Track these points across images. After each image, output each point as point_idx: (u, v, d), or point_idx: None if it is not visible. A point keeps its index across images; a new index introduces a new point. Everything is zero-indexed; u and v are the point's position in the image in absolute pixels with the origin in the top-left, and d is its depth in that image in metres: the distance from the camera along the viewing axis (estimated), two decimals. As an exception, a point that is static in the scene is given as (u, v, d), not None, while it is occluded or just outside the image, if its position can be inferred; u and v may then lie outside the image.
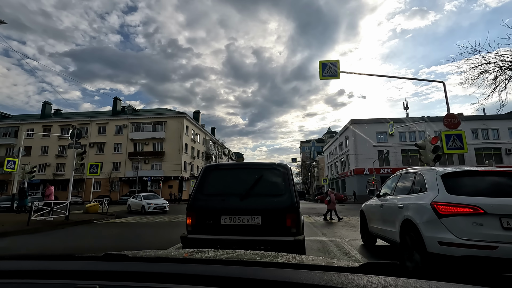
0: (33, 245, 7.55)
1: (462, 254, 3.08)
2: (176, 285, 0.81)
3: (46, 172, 42.95)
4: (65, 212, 12.46)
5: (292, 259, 1.27)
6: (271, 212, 3.77)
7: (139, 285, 0.82)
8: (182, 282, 0.83)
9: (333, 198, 12.97)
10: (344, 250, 5.99)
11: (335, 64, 9.97)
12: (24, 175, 16.59)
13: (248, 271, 0.92)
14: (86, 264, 1.02)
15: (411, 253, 3.80)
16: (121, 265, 0.99)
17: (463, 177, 3.71)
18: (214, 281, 0.83)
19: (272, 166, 4.31)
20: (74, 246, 7.40)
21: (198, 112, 54.82)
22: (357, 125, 38.84)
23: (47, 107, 49.09)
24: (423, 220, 3.58)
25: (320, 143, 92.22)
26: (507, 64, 8.33)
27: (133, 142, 43.51)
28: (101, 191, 40.16)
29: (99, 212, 17.23)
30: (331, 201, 12.86)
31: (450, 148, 8.89)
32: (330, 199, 12.90)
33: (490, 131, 37.38)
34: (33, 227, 9.87)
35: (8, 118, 49.78)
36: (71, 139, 14.79)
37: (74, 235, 9.37)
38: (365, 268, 0.90)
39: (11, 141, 45.04)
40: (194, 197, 4.03)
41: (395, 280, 0.79)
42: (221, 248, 3.47)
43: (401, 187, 4.95)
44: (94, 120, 45.25)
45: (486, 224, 3.11)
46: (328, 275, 0.85)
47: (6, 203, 20.90)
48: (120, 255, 1.07)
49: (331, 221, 12.33)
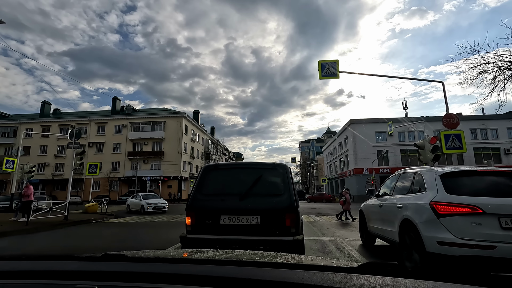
0: (32, 245, 7.53)
1: (461, 253, 3.09)
2: (175, 285, 0.81)
3: (45, 172, 42.87)
4: (64, 212, 12.45)
5: (291, 259, 1.28)
6: (270, 212, 3.77)
7: (138, 286, 0.82)
8: (181, 282, 0.83)
9: (348, 198, 12.91)
10: (343, 250, 6.00)
11: (334, 64, 9.98)
12: (23, 175, 16.55)
13: (247, 271, 0.92)
14: (85, 265, 1.02)
15: (410, 253, 3.81)
16: (120, 266, 0.99)
17: (462, 177, 3.72)
18: (213, 282, 0.83)
19: (271, 166, 4.31)
20: (73, 246, 7.39)
21: (198, 112, 54.79)
22: (357, 125, 38.87)
23: (46, 106, 48.99)
24: (422, 220, 3.59)
25: (319, 143, 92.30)
26: (506, 64, 8.35)
27: (132, 142, 43.46)
28: (100, 191, 40.07)
29: (98, 212, 17.22)
30: (346, 202, 12.80)
31: (449, 148, 8.90)
32: (345, 200, 12.83)
33: (489, 131, 37.45)
34: (32, 227, 9.85)
35: (7, 118, 49.66)
36: (70, 139, 14.76)
37: (73, 235, 9.36)
38: (364, 269, 0.90)
39: (10, 141, 44.91)
40: (194, 197, 4.03)
41: (394, 281, 0.80)
42: (221, 248, 3.47)
43: (400, 187, 4.96)
44: (93, 119, 45.17)
45: (485, 224, 3.12)
46: (326, 275, 0.85)
47: (5, 203, 20.87)
48: (119, 255, 1.07)
49: (346, 221, 12.25)
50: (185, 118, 44.44)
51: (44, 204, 15.99)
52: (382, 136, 38.06)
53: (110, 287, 0.80)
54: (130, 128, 43.83)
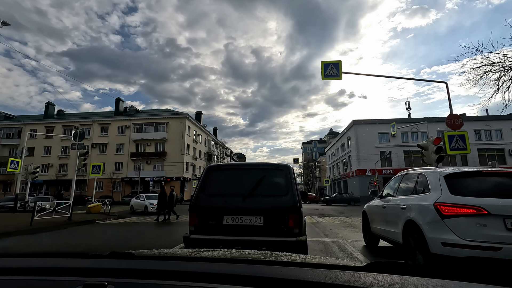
0: (37, 245, 7.59)
1: (465, 255, 3.07)
2: (182, 282, 0.82)
3: (48, 173, 43.15)
4: (68, 213, 12.53)
5: (297, 258, 1.28)
6: (273, 212, 3.77)
7: (146, 282, 0.83)
8: (188, 279, 0.84)
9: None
10: (347, 251, 5.98)
11: (337, 64, 9.98)
12: (27, 176, 16.71)
13: (253, 269, 0.92)
14: (93, 262, 1.03)
15: (414, 254, 3.79)
16: (128, 263, 1.00)
17: (466, 177, 3.69)
18: (219, 279, 0.83)
19: (274, 167, 4.32)
20: (79, 245, 7.43)
21: (200, 112, 54.92)
22: (359, 126, 38.76)
23: (50, 107, 49.34)
24: (426, 221, 3.57)
25: (322, 143, 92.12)
26: (511, 65, 8.30)
27: (135, 143, 43.64)
28: (103, 191, 40.26)
29: (101, 212, 17.30)
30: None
31: (453, 149, 8.85)
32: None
33: (493, 132, 37.15)
34: (36, 227, 9.93)
35: (12, 119, 50.13)
36: (74, 140, 14.88)
37: (77, 235, 9.41)
38: (371, 267, 0.90)
39: (14, 142, 45.31)
40: (197, 197, 4.04)
41: (402, 279, 0.79)
42: (224, 248, 3.48)
43: (403, 188, 4.93)
44: (97, 120, 45.45)
45: (489, 225, 3.10)
46: (334, 273, 0.85)
47: (10, 203, 21.05)
48: (126, 253, 1.08)
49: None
50: (188, 119, 44.56)
51: (48, 205, 16.09)
52: (385, 137, 37.90)
53: (118, 283, 0.81)
54: (133, 129, 44.03)
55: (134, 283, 0.83)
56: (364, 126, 38.45)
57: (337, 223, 11.77)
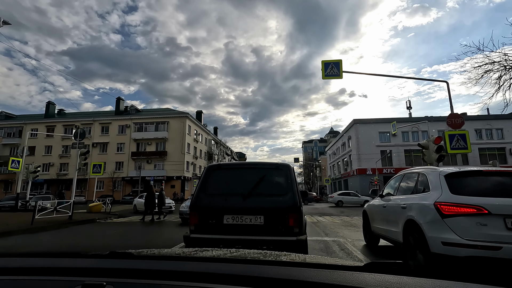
0: (38, 244, 7.61)
1: (465, 254, 3.07)
2: (181, 282, 0.82)
3: (49, 172, 43.27)
4: (69, 212, 12.56)
5: (296, 258, 1.28)
6: (273, 211, 3.77)
7: (145, 282, 0.83)
8: (188, 279, 0.84)
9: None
10: (347, 250, 5.98)
11: (337, 64, 9.97)
12: (28, 175, 16.74)
13: (253, 269, 0.92)
14: (92, 262, 1.04)
15: (414, 254, 3.79)
16: (127, 263, 1.00)
17: (466, 177, 3.69)
18: (218, 279, 0.83)
19: (274, 166, 4.32)
20: (79, 245, 7.45)
21: (201, 112, 54.95)
22: (360, 125, 38.75)
23: (50, 107, 49.44)
24: (427, 220, 3.57)
25: (322, 143, 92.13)
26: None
27: (136, 142, 43.71)
28: (104, 190, 40.33)
29: (102, 211, 17.34)
30: None
31: (453, 148, 8.84)
32: None
33: (494, 131, 37.09)
34: (37, 226, 9.95)
35: (13, 118, 50.22)
36: (74, 139, 14.91)
37: (78, 234, 9.44)
38: (370, 267, 0.90)
39: (15, 141, 45.43)
40: (197, 196, 4.05)
41: (400, 279, 0.80)
42: (224, 247, 3.48)
43: (404, 187, 4.93)
44: (97, 120, 45.52)
45: (490, 225, 3.10)
46: (332, 273, 0.85)
47: (11, 202, 21.10)
48: (125, 253, 1.08)
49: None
50: (188, 118, 44.60)
51: (49, 204, 16.13)
52: (386, 136, 37.88)
53: (117, 283, 0.81)
54: (133, 128, 44.09)
55: (133, 283, 0.83)
56: (365, 125, 38.44)
57: (337, 222, 11.77)
